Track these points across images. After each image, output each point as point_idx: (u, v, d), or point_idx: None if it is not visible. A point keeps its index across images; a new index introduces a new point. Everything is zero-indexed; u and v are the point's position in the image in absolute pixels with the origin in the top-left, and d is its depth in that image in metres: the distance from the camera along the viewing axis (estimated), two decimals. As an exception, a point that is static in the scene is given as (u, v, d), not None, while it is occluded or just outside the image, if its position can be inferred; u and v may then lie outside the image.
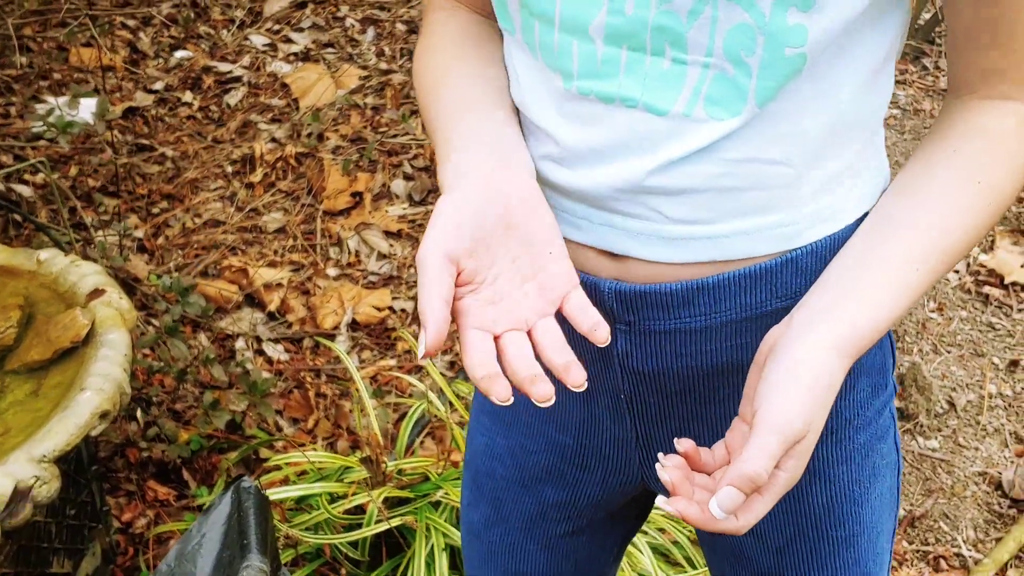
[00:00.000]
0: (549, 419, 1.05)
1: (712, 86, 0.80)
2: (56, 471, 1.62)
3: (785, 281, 0.88)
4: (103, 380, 1.72)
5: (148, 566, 2.11)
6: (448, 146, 0.86)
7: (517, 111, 0.91)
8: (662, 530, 1.92)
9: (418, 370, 2.58)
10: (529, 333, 0.81)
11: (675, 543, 1.94)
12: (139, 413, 2.32)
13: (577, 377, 0.78)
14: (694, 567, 1.88)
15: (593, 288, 0.90)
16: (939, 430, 2.61)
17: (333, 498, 1.79)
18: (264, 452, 2.31)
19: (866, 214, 0.90)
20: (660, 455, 0.83)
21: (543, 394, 0.76)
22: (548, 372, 0.79)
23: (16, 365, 1.85)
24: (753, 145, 0.83)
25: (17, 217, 3.00)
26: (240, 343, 2.65)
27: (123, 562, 2.14)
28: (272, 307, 2.77)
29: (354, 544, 1.76)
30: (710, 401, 0.95)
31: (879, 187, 0.92)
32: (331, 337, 2.70)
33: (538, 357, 0.80)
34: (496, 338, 0.79)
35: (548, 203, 0.86)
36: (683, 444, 0.84)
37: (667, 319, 0.90)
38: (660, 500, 0.80)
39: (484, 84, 0.91)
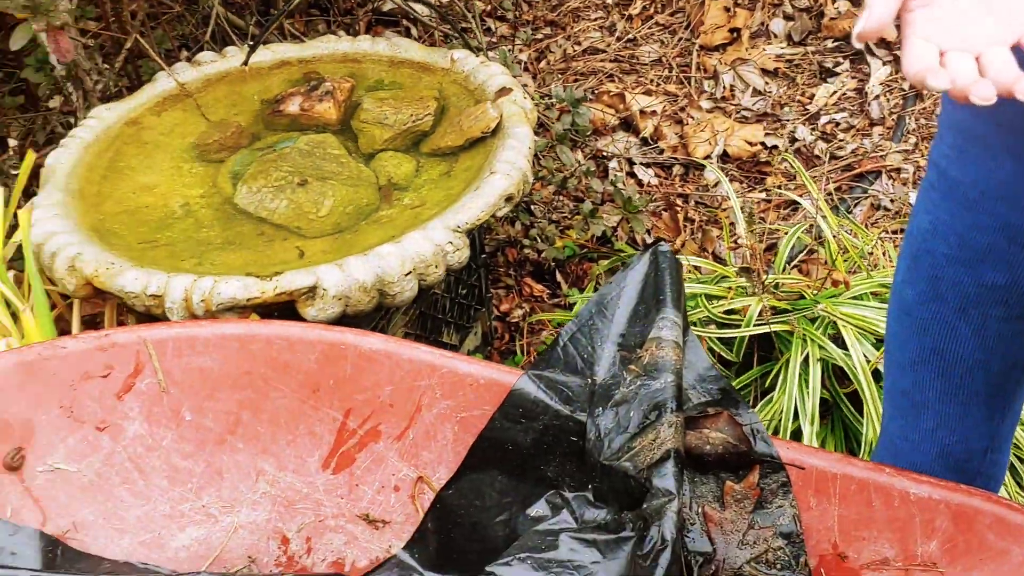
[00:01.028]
0: (1001, 197, 1.04)
1: None
2: (466, 241, 1.78)
3: None
4: (510, 167, 1.86)
5: (522, 351, 2.28)
6: None
7: None
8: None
9: (789, 205, 2.58)
10: (976, 60, 0.78)
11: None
12: (521, 216, 2.48)
13: None
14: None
15: None
16: None
17: (710, 300, 1.86)
18: (633, 264, 2.40)
19: None
20: None
21: (985, 93, 0.74)
22: None
23: (431, 149, 2.03)
24: None
25: (415, 33, 3.22)
26: (613, 164, 2.74)
27: (499, 345, 2.33)
28: (646, 133, 2.84)
29: (728, 346, 1.83)
30: None
31: None
32: (701, 167, 2.75)
33: None
34: (940, 55, 0.78)
35: None
36: None
37: None
38: None
39: None
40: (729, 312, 1.84)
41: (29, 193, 2.16)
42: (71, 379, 1.26)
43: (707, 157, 2.75)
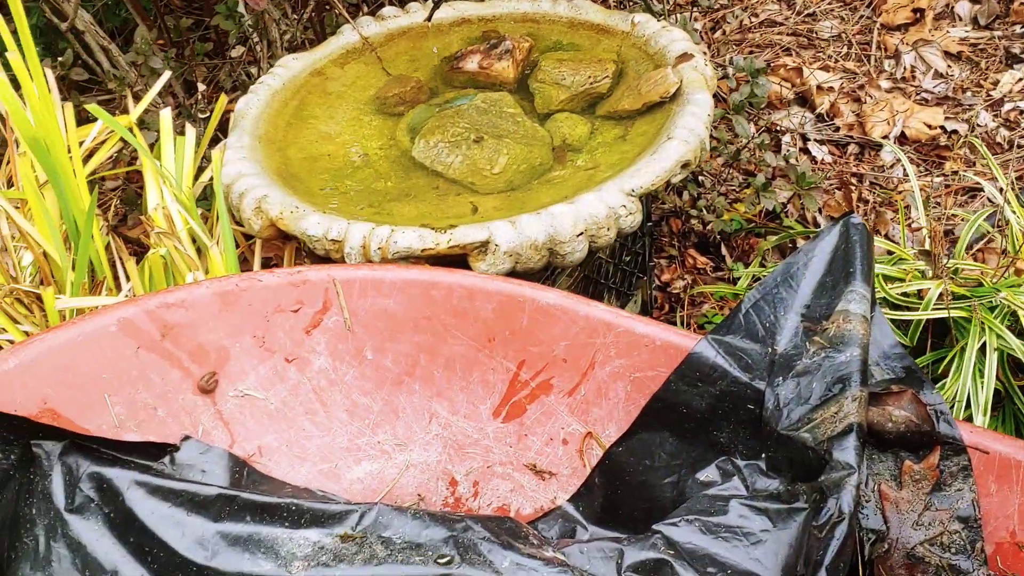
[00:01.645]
0: None
1: None
2: (639, 206, 1.78)
3: None
4: (688, 133, 1.84)
5: (682, 322, 2.27)
6: None
7: None
8: None
9: (967, 191, 2.49)
10: None
11: None
12: (689, 186, 2.46)
13: None
14: None
15: None
16: None
17: (886, 281, 1.82)
18: (800, 242, 2.36)
19: None
20: None
21: None
22: None
23: (607, 112, 2.03)
24: None
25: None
26: (787, 139, 2.69)
27: (658, 315, 2.33)
28: (821, 109, 2.78)
29: (901, 328, 1.78)
30: None
31: None
32: (877, 147, 2.67)
33: None
34: None
35: None
36: None
37: None
38: None
39: None
40: (903, 295, 1.79)
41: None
42: (265, 311, 1.32)
43: (884, 137, 2.68)
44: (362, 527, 1.08)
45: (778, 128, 2.72)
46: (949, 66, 2.93)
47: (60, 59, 2.43)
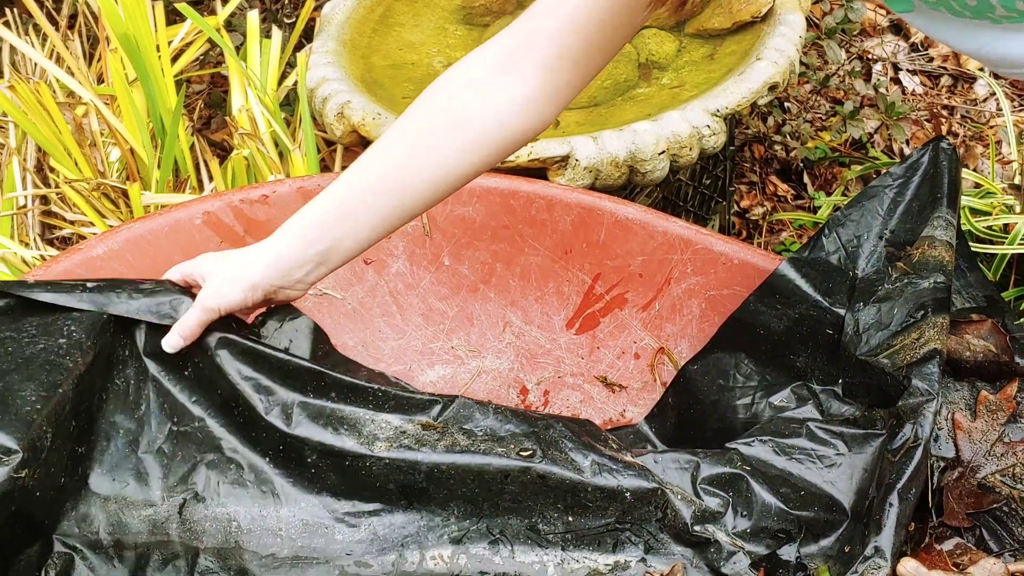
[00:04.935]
0: None
1: None
2: (723, 127, 1.75)
3: None
4: (777, 55, 1.80)
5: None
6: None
7: None
8: None
9: (1064, 128, 2.41)
10: None
11: None
12: (775, 111, 2.42)
13: None
14: None
15: None
16: None
17: (972, 214, 1.78)
18: (886, 173, 2.31)
19: None
20: None
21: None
22: None
23: (696, 30, 1.99)
24: None
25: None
26: (878, 67, 2.62)
27: (736, 241, 2.30)
28: (916, 38, 2.70)
29: (987, 264, 1.75)
30: None
31: None
32: (971, 79, 2.59)
33: None
34: None
35: None
36: None
37: None
38: None
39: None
40: (989, 228, 1.75)
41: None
42: (346, 211, 1.33)
43: (980, 70, 2.59)
44: (443, 418, 1.08)
45: (870, 56, 2.65)
46: (1054, -2, 2.82)
47: (150, -42, 2.45)
